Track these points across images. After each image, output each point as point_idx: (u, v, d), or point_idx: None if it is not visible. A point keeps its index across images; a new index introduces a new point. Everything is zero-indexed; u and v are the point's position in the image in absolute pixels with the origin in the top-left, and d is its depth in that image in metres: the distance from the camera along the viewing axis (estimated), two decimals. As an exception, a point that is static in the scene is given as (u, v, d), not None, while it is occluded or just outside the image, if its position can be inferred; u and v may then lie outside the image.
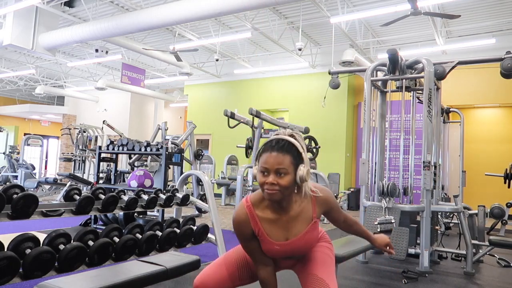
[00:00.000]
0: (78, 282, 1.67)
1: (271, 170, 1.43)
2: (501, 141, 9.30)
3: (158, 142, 6.77)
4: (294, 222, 1.54)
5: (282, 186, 1.43)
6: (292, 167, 1.45)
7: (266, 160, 1.44)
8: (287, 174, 1.44)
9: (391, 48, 4.29)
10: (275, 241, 1.55)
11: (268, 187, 1.44)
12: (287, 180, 1.44)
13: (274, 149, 1.45)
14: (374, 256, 4.52)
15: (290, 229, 1.55)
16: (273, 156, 1.43)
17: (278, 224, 1.54)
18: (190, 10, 6.47)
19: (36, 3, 7.13)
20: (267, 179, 1.44)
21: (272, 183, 1.43)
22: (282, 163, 1.43)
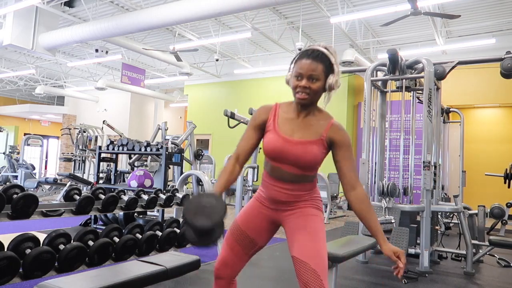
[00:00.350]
0: (78, 282, 1.67)
1: (305, 75, 1.56)
2: (501, 141, 9.30)
3: (158, 142, 6.77)
4: (305, 128, 1.63)
5: (312, 91, 1.57)
6: (323, 75, 1.57)
7: (301, 66, 1.57)
8: (318, 80, 1.57)
9: (391, 48, 4.29)
10: (282, 133, 1.64)
11: (300, 90, 1.58)
12: (318, 85, 1.57)
13: (310, 56, 1.57)
14: (374, 256, 4.52)
15: (299, 130, 1.63)
16: (308, 63, 1.56)
17: (292, 123, 1.65)
18: (190, 10, 6.47)
19: (36, 3, 7.13)
20: (300, 83, 1.57)
21: (305, 87, 1.56)
22: (315, 69, 1.56)
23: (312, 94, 1.58)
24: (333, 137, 1.62)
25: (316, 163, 1.62)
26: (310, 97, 1.58)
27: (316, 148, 1.60)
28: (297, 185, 1.66)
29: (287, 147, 1.61)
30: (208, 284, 3.18)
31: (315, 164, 1.63)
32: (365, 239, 3.09)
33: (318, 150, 1.60)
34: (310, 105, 1.64)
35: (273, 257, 4.18)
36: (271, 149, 1.64)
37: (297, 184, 1.66)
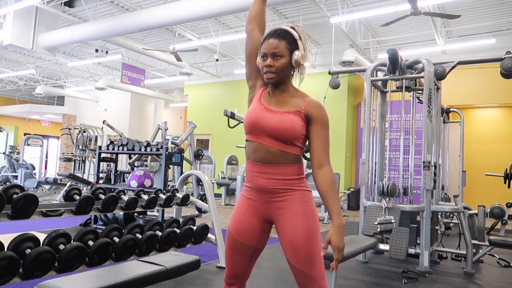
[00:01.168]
0: (78, 282, 1.67)
1: (268, 54, 1.59)
2: (501, 141, 9.30)
3: (158, 142, 6.77)
4: (283, 102, 1.64)
5: (277, 68, 1.59)
6: (287, 51, 1.59)
7: (265, 46, 1.61)
8: (282, 57, 1.59)
9: (391, 48, 4.29)
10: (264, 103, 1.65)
11: (266, 70, 1.60)
12: (282, 62, 1.59)
13: (272, 36, 1.61)
14: (374, 256, 4.52)
15: (277, 104, 1.64)
16: (270, 41, 1.60)
17: (272, 98, 1.67)
18: (190, 10, 6.47)
19: (36, 3, 7.13)
20: (265, 63, 1.60)
21: (269, 65, 1.59)
22: (277, 47, 1.58)
23: (279, 72, 1.60)
24: (310, 111, 1.60)
25: (294, 132, 1.57)
26: (277, 75, 1.60)
27: (293, 117, 1.58)
28: (280, 167, 1.58)
29: (265, 114, 1.61)
30: (208, 284, 3.18)
31: (292, 133, 1.57)
32: (365, 239, 3.10)
33: (295, 119, 1.58)
34: (283, 83, 1.65)
35: (273, 257, 4.18)
36: (250, 116, 1.64)
37: (280, 166, 1.58)
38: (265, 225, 1.67)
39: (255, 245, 1.66)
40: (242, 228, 1.65)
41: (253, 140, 1.63)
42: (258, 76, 1.73)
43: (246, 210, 1.67)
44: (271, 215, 1.63)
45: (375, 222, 3.80)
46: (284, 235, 1.59)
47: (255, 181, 1.63)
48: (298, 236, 1.55)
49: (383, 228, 3.72)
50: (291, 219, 1.58)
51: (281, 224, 1.60)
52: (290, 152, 1.59)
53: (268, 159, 1.59)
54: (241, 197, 1.71)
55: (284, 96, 1.66)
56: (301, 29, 1.67)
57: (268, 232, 1.70)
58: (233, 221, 1.69)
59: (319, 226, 1.61)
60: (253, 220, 1.65)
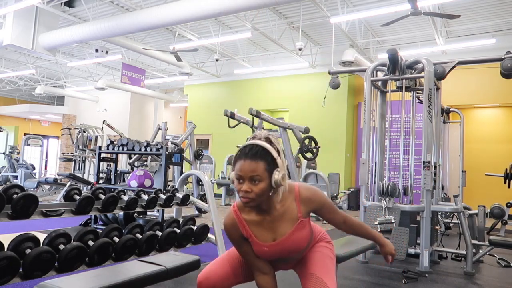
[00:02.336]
0: (78, 282, 1.67)
1: (246, 178, 1.45)
2: (501, 141, 9.30)
3: (158, 142, 6.77)
4: (279, 222, 1.55)
5: (256, 194, 1.45)
6: (266, 173, 1.46)
7: (240, 168, 1.46)
8: (261, 181, 1.45)
9: (391, 48, 4.29)
10: (263, 242, 1.56)
11: (243, 195, 1.46)
12: (261, 187, 1.45)
13: (248, 156, 1.46)
14: (374, 256, 4.52)
15: (275, 229, 1.56)
16: (247, 163, 1.45)
17: (264, 225, 1.56)
18: (190, 10, 6.47)
19: (36, 3, 7.13)
20: (242, 187, 1.46)
21: (247, 191, 1.45)
22: (255, 170, 1.44)
23: (257, 197, 1.46)
24: (307, 208, 1.57)
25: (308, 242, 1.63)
26: (256, 200, 1.47)
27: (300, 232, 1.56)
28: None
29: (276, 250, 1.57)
30: (208, 284, 3.17)
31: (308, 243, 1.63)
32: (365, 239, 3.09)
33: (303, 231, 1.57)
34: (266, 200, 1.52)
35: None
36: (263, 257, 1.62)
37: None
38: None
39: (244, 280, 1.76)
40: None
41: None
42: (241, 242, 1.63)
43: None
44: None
45: (375, 222, 3.80)
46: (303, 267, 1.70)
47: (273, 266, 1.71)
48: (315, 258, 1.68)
49: (383, 228, 3.72)
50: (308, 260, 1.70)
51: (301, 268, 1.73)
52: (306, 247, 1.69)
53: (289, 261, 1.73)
54: None
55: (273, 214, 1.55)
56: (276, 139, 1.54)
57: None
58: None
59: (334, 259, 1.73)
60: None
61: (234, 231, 1.59)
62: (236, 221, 1.59)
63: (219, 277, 1.64)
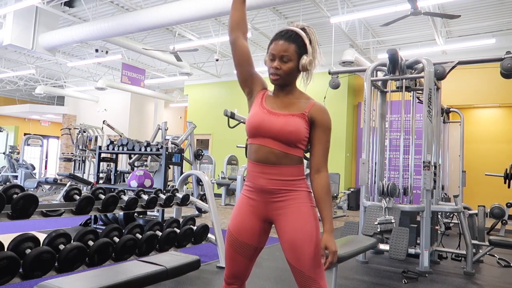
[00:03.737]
0: (78, 282, 1.67)
1: (277, 56, 1.58)
2: (501, 141, 9.30)
3: (158, 142, 6.77)
4: (288, 105, 1.64)
5: (284, 71, 1.59)
6: (296, 55, 1.58)
7: (274, 47, 1.59)
8: (290, 61, 1.58)
9: (391, 48, 4.29)
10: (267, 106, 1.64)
11: (273, 71, 1.60)
12: (289, 66, 1.58)
13: (282, 37, 1.58)
14: (374, 256, 4.52)
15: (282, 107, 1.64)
16: (280, 44, 1.58)
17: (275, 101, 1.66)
18: (190, 10, 6.47)
19: (36, 3, 7.13)
20: (272, 64, 1.60)
21: (276, 67, 1.59)
22: (286, 50, 1.57)
23: (284, 75, 1.59)
24: (315, 115, 1.60)
25: (298, 135, 1.57)
26: (282, 77, 1.60)
27: (298, 120, 1.58)
28: (281, 167, 1.59)
29: (269, 118, 1.60)
30: (208, 284, 3.18)
31: (297, 136, 1.57)
32: (365, 239, 3.10)
33: (300, 122, 1.58)
34: (288, 86, 1.65)
35: (273, 257, 4.18)
36: (253, 121, 1.62)
37: (282, 167, 1.59)
38: (265, 225, 1.67)
39: (255, 244, 1.66)
40: (242, 227, 1.65)
41: (256, 142, 1.63)
42: (254, 81, 1.71)
43: (246, 210, 1.67)
44: (271, 215, 1.63)
45: (375, 222, 3.80)
46: (284, 235, 1.59)
47: (256, 181, 1.63)
48: (298, 237, 1.56)
49: (383, 228, 3.72)
50: (291, 220, 1.58)
51: (280, 224, 1.60)
52: (293, 154, 1.60)
53: (270, 160, 1.60)
54: (241, 196, 1.71)
55: (289, 98, 1.65)
56: (312, 30, 1.64)
57: (268, 232, 1.70)
58: (234, 220, 1.69)
59: (319, 227, 1.61)
60: (254, 219, 1.65)
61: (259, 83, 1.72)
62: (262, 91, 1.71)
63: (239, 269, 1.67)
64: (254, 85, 1.72)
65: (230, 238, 1.68)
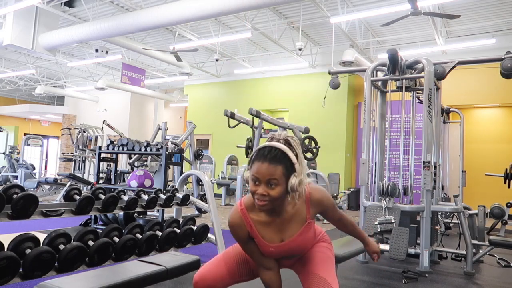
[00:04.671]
0: (78, 282, 1.67)
1: (262, 181, 1.42)
2: (501, 141, 9.30)
3: (158, 142, 6.77)
4: (288, 224, 1.54)
5: (272, 197, 1.43)
6: (284, 178, 1.43)
7: (258, 170, 1.43)
8: (278, 185, 1.43)
9: (391, 48, 4.29)
10: (270, 243, 1.55)
11: (259, 198, 1.44)
12: (278, 191, 1.43)
13: (266, 159, 1.42)
14: (374, 256, 4.52)
15: (284, 231, 1.55)
16: (265, 166, 1.41)
17: (272, 226, 1.54)
18: (190, 10, 6.46)
19: (36, 3, 7.13)
20: (258, 189, 1.44)
21: (263, 194, 1.43)
22: (273, 174, 1.41)
23: (273, 200, 1.44)
24: (315, 210, 1.58)
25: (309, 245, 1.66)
26: (271, 203, 1.45)
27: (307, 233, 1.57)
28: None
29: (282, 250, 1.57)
30: (208, 284, 3.17)
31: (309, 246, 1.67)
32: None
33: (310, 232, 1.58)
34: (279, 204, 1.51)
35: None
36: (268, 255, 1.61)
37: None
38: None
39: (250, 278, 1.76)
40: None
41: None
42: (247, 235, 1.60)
43: None
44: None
45: (375, 222, 3.80)
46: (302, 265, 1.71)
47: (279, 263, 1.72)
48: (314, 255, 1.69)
49: (383, 228, 3.72)
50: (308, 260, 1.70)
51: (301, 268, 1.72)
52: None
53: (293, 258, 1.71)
54: None
55: (284, 217, 1.54)
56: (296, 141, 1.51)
57: None
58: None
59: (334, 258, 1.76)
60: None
61: (240, 231, 1.56)
62: (243, 221, 1.55)
63: (214, 277, 1.62)
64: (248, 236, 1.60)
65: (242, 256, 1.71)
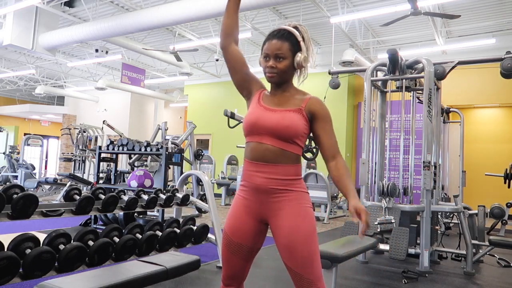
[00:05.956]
0: (78, 282, 1.67)
1: (271, 55, 1.60)
2: (501, 141, 9.30)
3: (158, 142, 6.77)
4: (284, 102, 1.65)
5: (279, 69, 1.60)
6: (290, 53, 1.59)
7: (267, 47, 1.61)
8: (285, 59, 1.59)
9: (391, 48, 4.29)
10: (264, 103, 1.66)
11: (268, 70, 1.61)
12: (285, 64, 1.60)
13: (275, 36, 1.60)
14: (374, 256, 4.52)
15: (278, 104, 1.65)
16: (273, 43, 1.59)
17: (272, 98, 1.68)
18: (190, 10, 6.47)
19: (36, 3, 7.13)
20: (267, 63, 1.61)
21: (272, 67, 1.60)
22: (280, 48, 1.58)
23: (280, 73, 1.61)
24: (312, 109, 1.60)
25: (295, 129, 1.56)
26: (278, 75, 1.61)
27: (294, 115, 1.58)
28: (278, 166, 1.56)
29: (265, 114, 1.61)
30: (208, 284, 3.18)
31: (294, 131, 1.56)
32: (365, 239, 3.09)
33: (296, 117, 1.58)
34: (284, 83, 1.66)
35: (273, 257, 4.17)
36: (250, 118, 1.63)
37: (279, 165, 1.56)
38: (261, 225, 1.64)
39: (251, 245, 1.64)
40: (237, 228, 1.63)
41: (252, 140, 1.62)
42: (251, 81, 1.73)
43: (241, 210, 1.64)
44: (266, 216, 1.61)
45: (375, 222, 3.80)
46: (280, 236, 1.56)
47: (252, 180, 1.61)
48: (294, 237, 1.53)
49: (383, 228, 3.72)
50: (287, 220, 1.55)
51: (276, 225, 1.58)
52: (290, 151, 1.58)
53: (267, 158, 1.58)
54: (236, 196, 1.70)
55: (285, 95, 1.66)
56: (304, 28, 1.66)
57: (264, 232, 1.67)
58: (229, 221, 1.67)
59: (315, 227, 1.60)
60: (249, 220, 1.63)
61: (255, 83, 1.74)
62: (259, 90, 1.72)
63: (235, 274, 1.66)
64: (251, 85, 1.73)
65: (226, 239, 1.66)
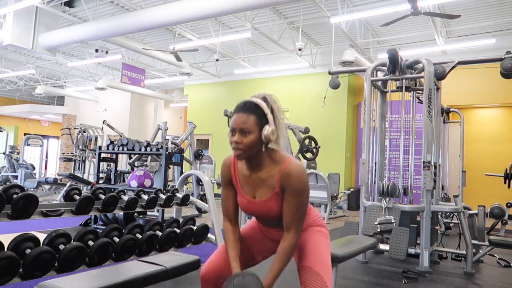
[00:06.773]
0: (78, 282, 1.67)
1: (236, 129, 1.55)
2: (501, 141, 9.30)
3: (158, 142, 6.77)
4: (260, 184, 1.63)
5: (245, 145, 1.53)
6: (257, 127, 1.54)
7: (233, 120, 1.56)
8: (250, 133, 1.53)
9: (391, 48, 4.29)
10: (246, 194, 1.66)
11: (234, 146, 1.56)
12: (250, 138, 1.53)
13: (241, 109, 1.56)
14: (374, 256, 4.52)
15: (256, 189, 1.64)
16: (239, 116, 1.55)
17: (249, 180, 1.65)
18: (190, 10, 6.46)
19: (36, 3, 7.13)
20: (233, 138, 1.56)
21: (237, 142, 1.54)
22: (246, 122, 1.53)
23: (246, 149, 1.54)
24: (284, 184, 1.58)
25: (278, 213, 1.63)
26: (244, 152, 1.55)
27: (274, 204, 1.60)
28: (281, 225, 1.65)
29: (253, 207, 1.66)
30: (208, 284, 3.17)
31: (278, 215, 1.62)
32: (365, 239, 3.09)
33: (276, 205, 1.60)
34: (255, 157, 1.59)
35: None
36: (242, 208, 1.71)
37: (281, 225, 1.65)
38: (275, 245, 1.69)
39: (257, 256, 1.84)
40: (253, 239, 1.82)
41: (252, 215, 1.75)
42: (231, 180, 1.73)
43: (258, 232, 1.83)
44: None
45: (375, 222, 3.80)
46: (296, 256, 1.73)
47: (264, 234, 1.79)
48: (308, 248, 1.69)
49: (383, 228, 3.72)
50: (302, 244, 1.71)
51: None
52: None
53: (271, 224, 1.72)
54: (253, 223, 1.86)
55: (258, 174, 1.62)
56: (273, 98, 1.61)
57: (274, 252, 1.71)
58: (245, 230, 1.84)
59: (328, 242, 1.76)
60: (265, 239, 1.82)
61: (227, 171, 1.71)
62: (230, 164, 1.70)
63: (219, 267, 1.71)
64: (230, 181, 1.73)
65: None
